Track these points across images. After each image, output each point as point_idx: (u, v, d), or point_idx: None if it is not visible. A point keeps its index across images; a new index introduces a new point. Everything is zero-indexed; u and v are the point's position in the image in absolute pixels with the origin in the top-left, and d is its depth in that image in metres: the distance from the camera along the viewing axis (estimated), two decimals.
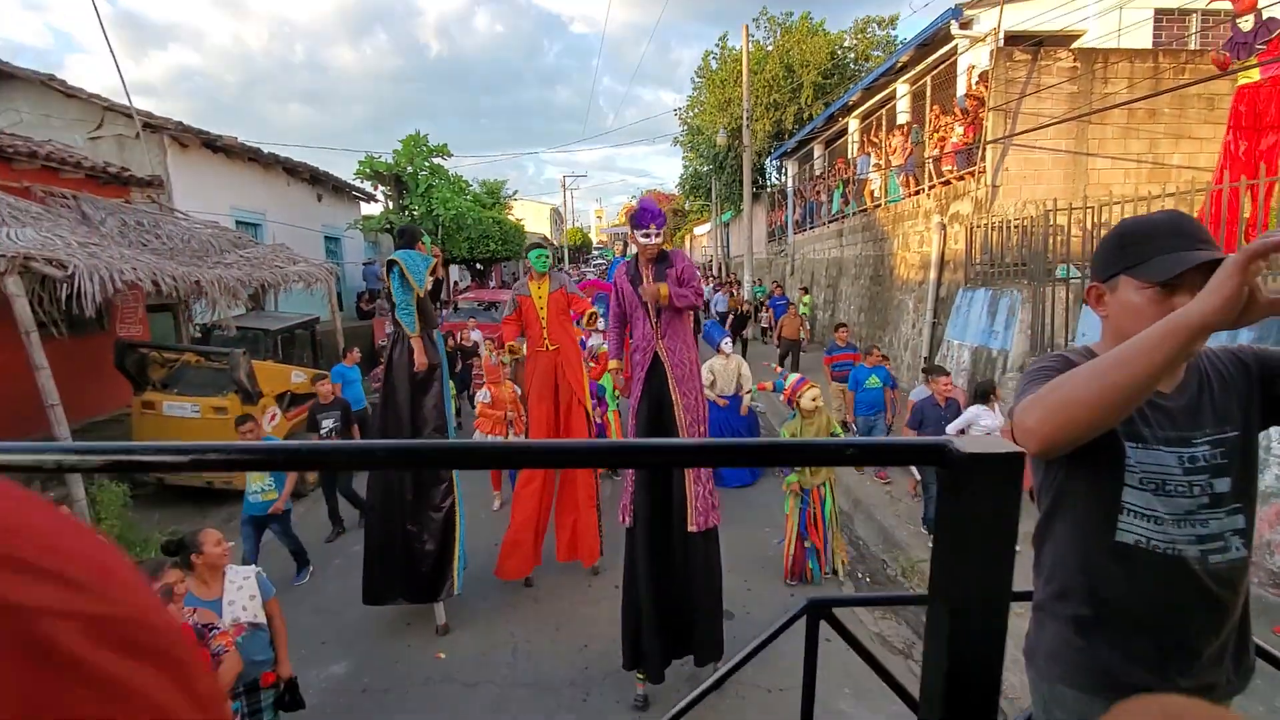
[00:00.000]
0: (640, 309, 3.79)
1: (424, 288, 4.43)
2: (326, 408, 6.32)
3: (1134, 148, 9.04)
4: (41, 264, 5.17)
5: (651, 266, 3.75)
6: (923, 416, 5.55)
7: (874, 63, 21.37)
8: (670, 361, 3.72)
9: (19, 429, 6.89)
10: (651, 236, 3.71)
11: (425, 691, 3.99)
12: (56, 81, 10.31)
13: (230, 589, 2.97)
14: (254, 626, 2.95)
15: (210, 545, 2.93)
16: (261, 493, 4.96)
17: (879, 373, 7.07)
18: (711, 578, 3.80)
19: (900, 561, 5.55)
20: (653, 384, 3.76)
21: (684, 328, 3.80)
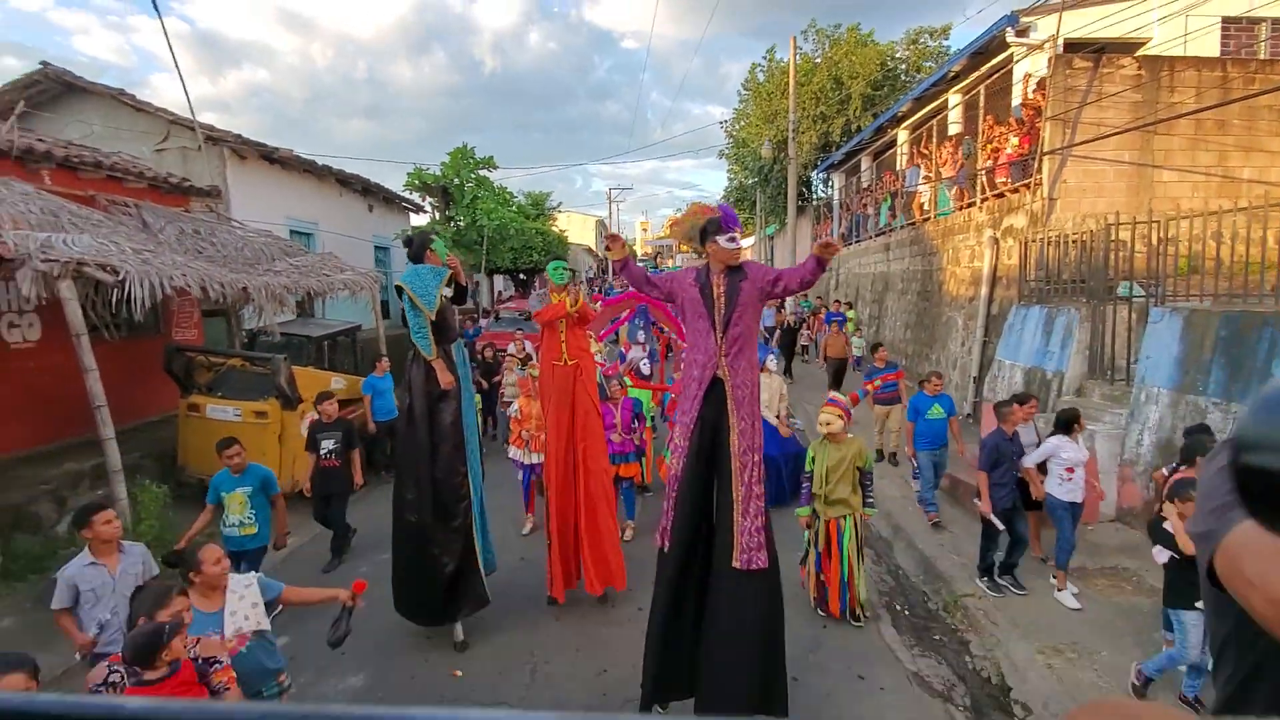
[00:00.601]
0: (705, 319, 3.39)
1: (434, 308, 4.29)
2: (327, 428, 5.86)
3: (1202, 160, 8.51)
4: (94, 269, 5.37)
5: (725, 277, 3.40)
6: (998, 456, 4.98)
7: (925, 74, 20.88)
8: (732, 383, 3.37)
9: (70, 429, 7.19)
10: (736, 240, 3.43)
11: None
12: (126, 96, 10.85)
13: (232, 599, 2.93)
14: (258, 635, 2.91)
15: (209, 564, 2.90)
16: (240, 526, 4.54)
17: (942, 401, 6.42)
18: (762, 625, 3.39)
19: (944, 595, 5.24)
20: (709, 407, 3.41)
21: (752, 346, 3.48)
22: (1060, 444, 4.90)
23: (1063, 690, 3.96)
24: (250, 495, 4.51)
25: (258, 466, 4.67)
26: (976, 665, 4.43)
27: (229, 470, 4.54)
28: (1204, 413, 5.40)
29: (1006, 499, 4.94)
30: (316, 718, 0.44)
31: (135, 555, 3.48)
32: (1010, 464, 4.98)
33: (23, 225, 5.71)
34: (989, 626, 4.70)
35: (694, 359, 3.47)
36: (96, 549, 3.33)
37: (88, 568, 3.29)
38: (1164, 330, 5.94)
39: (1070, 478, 4.85)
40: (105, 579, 3.30)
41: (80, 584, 3.25)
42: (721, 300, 3.36)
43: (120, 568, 3.36)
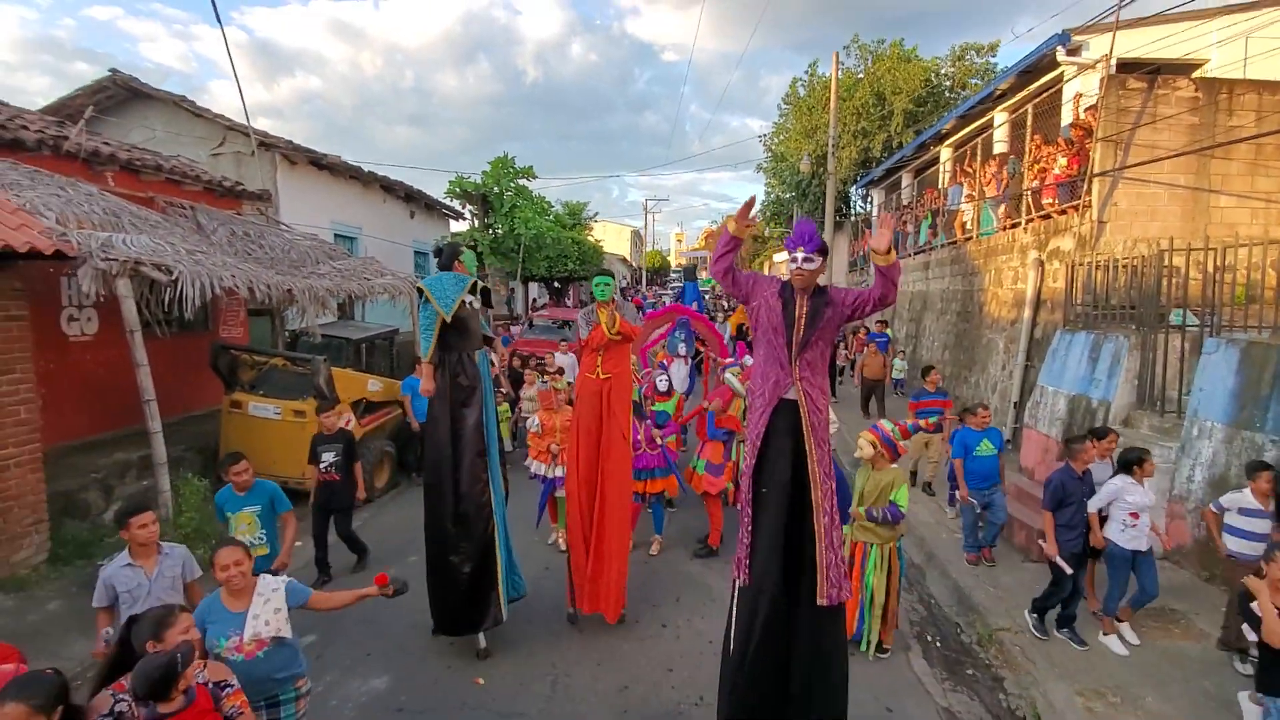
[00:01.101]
0: (780, 335, 3.15)
1: (449, 310, 4.31)
2: (328, 440, 5.62)
3: (1262, 185, 8.19)
4: (150, 268, 5.58)
5: (809, 298, 3.13)
6: (1064, 495, 4.61)
7: (971, 91, 20.55)
8: (807, 407, 3.13)
9: (121, 420, 7.47)
10: (799, 263, 3.10)
11: (461, 717, 3.93)
12: (186, 103, 11.32)
13: (258, 602, 2.89)
14: (277, 641, 2.86)
15: (219, 570, 2.86)
16: (251, 548, 4.12)
17: (991, 436, 5.97)
18: (841, 664, 3.27)
19: (978, 628, 5.08)
20: (784, 430, 3.16)
21: (824, 371, 3.28)
22: (1124, 486, 4.56)
23: None
24: (260, 514, 4.25)
25: (265, 482, 4.38)
26: (1011, 704, 4.27)
27: (232, 488, 4.26)
28: (1261, 450, 5.15)
29: (1076, 542, 4.59)
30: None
31: (175, 557, 3.43)
32: (1080, 505, 4.61)
33: (86, 225, 5.97)
34: (1025, 664, 4.53)
35: (765, 373, 3.22)
36: (135, 551, 3.31)
37: (125, 569, 3.28)
38: (1219, 361, 5.70)
39: (1135, 524, 4.51)
40: (141, 580, 3.27)
41: (117, 585, 3.24)
42: (802, 321, 3.12)
43: (158, 570, 3.33)
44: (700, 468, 6.26)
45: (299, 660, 3.03)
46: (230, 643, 2.79)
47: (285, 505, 4.34)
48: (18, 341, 5.40)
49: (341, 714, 3.91)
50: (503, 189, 15.03)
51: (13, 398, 5.35)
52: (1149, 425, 6.63)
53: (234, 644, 2.79)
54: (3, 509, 5.25)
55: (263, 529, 4.24)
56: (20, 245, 4.90)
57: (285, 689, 2.94)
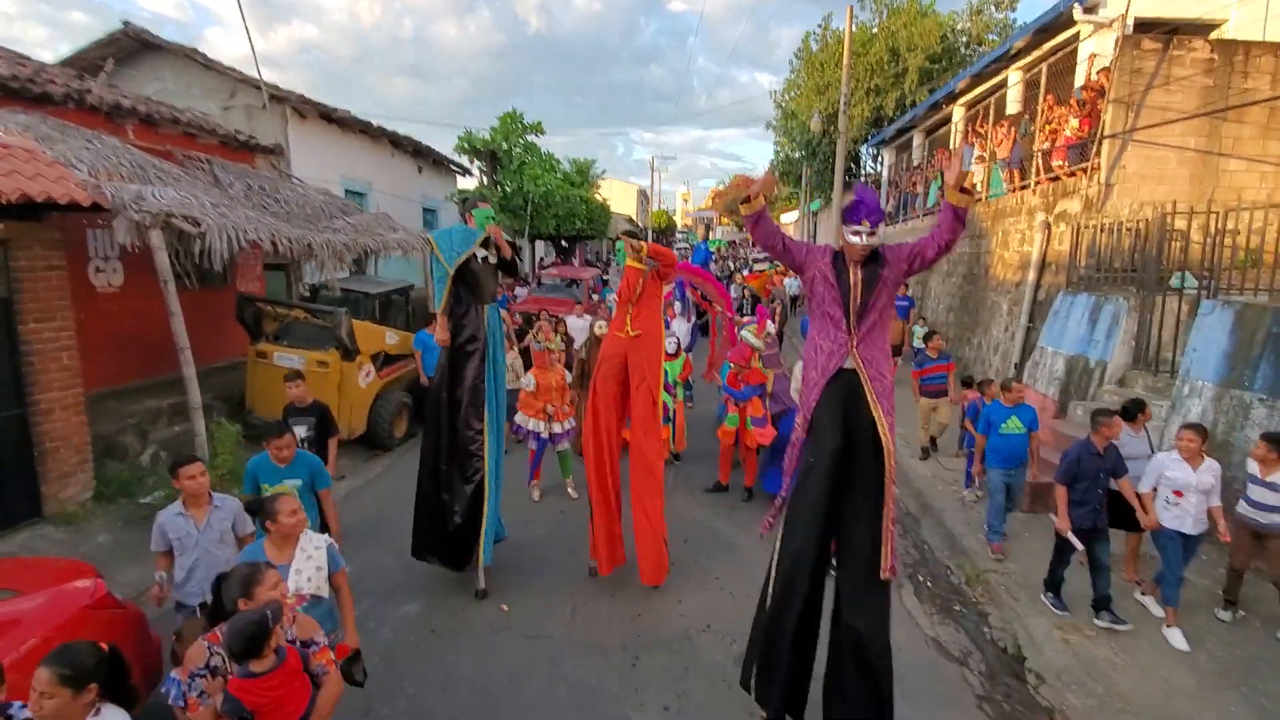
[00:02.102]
0: (837, 305, 3.09)
1: (452, 264, 4.47)
2: (300, 412, 4.97)
3: (1274, 150, 8.23)
4: (181, 221, 5.77)
5: (860, 268, 3.08)
6: (1079, 470, 4.43)
7: (988, 47, 20.14)
8: (868, 374, 3.07)
9: (147, 369, 7.76)
10: (863, 236, 3.00)
11: (489, 639, 4.29)
12: (198, 55, 11.28)
13: (300, 556, 2.95)
14: (315, 598, 2.92)
15: (285, 515, 2.94)
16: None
17: (1021, 414, 5.50)
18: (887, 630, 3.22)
19: (965, 570, 5.41)
20: (838, 399, 3.10)
21: (885, 336, 3.18)
22: (1165, 462, 4.40)
23: (1078, 663, 4.13)
24: (299, 490, 3.88)
25: (307, 455, 4.11)
26: (994, 636, 4.62)
27: (269, 458, 3.96)
28: (1249, 408, 5.39)
29: (1086, 518, 4.42)
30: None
31: (228, 509, 3.48)
32: (1094, 480, 4.42)
33: (115, 177, 6.14)
34: (1009, 601, 4.86)
35: (819, 345, 3.17)
36: (186, 500, 3.40)
37: (177, 517, 3.38)
38: (1214, 323, 5.88)
39: (1178, 502, 4.32)
40: (190, 530, 3.36)
41: (169, 531, 3.36)
42: (858, 289, 3.06)
43: (207, 520, 3.39)
44: (749, 424, 6.42)
45: (333, 619, 3.05)
46: None
47: (326, 481, 4.11)
48: (58, 290, 5.63)
49: (378, 635, 4.26)
50: (511, 145, 15.00)
51: (55, 344, 5.61)
52: (1143, 385, 6.85)
53: None
54: (50, 449, 5.57)
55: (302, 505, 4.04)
56: (61, 196, 5.10)
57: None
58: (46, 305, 5.53)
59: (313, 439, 4.90)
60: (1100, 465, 4.42)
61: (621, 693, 3.81)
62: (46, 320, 5.53)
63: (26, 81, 6.81)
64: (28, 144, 5.59)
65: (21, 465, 5.39)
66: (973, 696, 3.99)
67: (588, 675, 3.94)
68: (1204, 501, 4.30)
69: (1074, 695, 3.87)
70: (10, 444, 5.31)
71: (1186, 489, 4.29)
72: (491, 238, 4.68)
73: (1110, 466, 4.46)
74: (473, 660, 4.07)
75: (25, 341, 5.39)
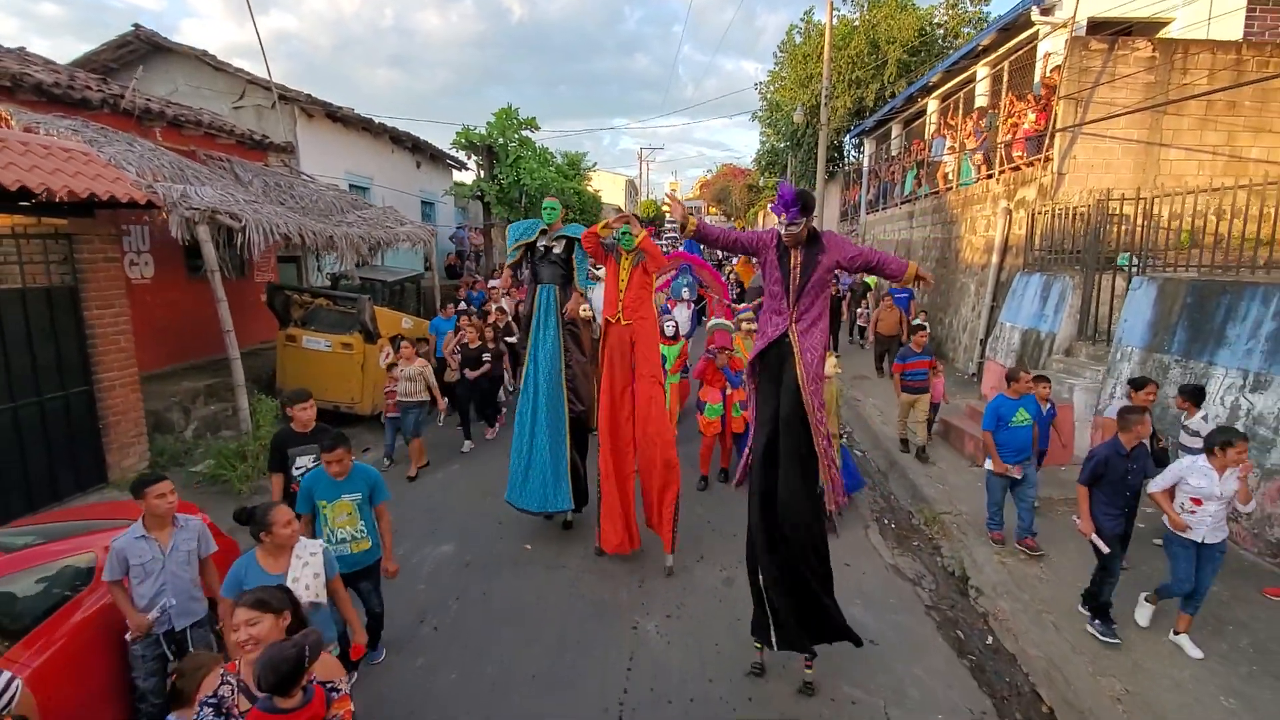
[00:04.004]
0: (779, 284, 3.56)
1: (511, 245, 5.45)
2: (304, 440, 4.25)
3: (1210, 139, 9.03)
4: (225, 217, 6.42)
5: (803, 248, 3.52)
6: (1104, 470, 4.12)
7: (963, 39, 20.89)
8: (800, 346, 3.52)
9: (178, 355, 8.45)
10: (785, 226, 3.45)
11: (515, 569, 5.05)
12: (209, 57, 11.81)
13: (296, 565, 2.89)
14: (314, 605, 2.89)
15: (280, 525, 2.88)
16: (351, 541, 3.66)
17: (1028, 405, 5.32)
18: (825, 551, 3.78)
19: (924, 513, 6.22)
20: (774, 361, 3.60)
21: (822, 314, 3.60)
22: (1191, 466, 3.99)
23: (1011, 579, 4.93)
24: (358, 505, 3.68)
25: (364, 468, 3.79)
26: (945, 564, 5.43)
27: (324, 471, 3.66)
28: (1166, 368, 6.21)
29: (1118, 523, 4.14)
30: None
31: (192, 529, 3.26)
32: (1123, 482, 4.09)
33: (160, 178, 6.77)
34: (959, 537, 5.67)
35: (769, 318, 3.66)
36: (149, 522, 3.12)
37: (139, 540, 3.08)
38: (1141, 296, 6.69)
39: (1195, 509, 3.94)
40: (156, 554, 3.09)
41: (130, 557, 3.03)
42: (797, 270, 3.49)
43: (172, 543, 3.15)
44: (736, 410, 6.78)
45: (331, 627, 3.01)
46: None
47: (384, 495, 3.80)
48: (115, 280, 6.28)
49: (421, 569, 5.01)
50: (507, 140, 15.62)
51: (114, 329, 6.27)
52: (1086, 353, 7.68)
53: None
54: (112, 422, 6.24)
55: (362, 520, 3.68)
56: (123, 195, 5.74)
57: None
58: (105, 293, 6.17)
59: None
60: (1126, 466, 4.10)
61: (630, 605, 4.58)
62: (106, 307, 6.18)
63: (67, 88, 7.40)
64: (83, 147, 6.21)
65: (90, 436, 6.06)
66: (922, 606, 4.80)
67: (601, 593, 4.71)
68: (1223, 509, 3.94)
69: (1005, 601, 4.67)
70: (80, 417, 5.97)
71: (1209, 498, 3.91)
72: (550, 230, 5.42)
73: (1141, 467, 4.16)
74: (503, 585, 4.83)
75: (89, 326, 6.04)
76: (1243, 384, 5.40)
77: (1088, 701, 3.66)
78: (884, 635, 4.38)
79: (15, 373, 5.40)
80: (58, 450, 5.74)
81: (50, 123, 6.70)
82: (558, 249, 5.39)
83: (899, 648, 4.27)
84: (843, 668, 4.00)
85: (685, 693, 3.76)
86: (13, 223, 5.44)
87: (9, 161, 5.11)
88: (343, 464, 3.65)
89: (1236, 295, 5.67)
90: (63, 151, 5.80)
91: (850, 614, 4.59)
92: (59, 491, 5.72)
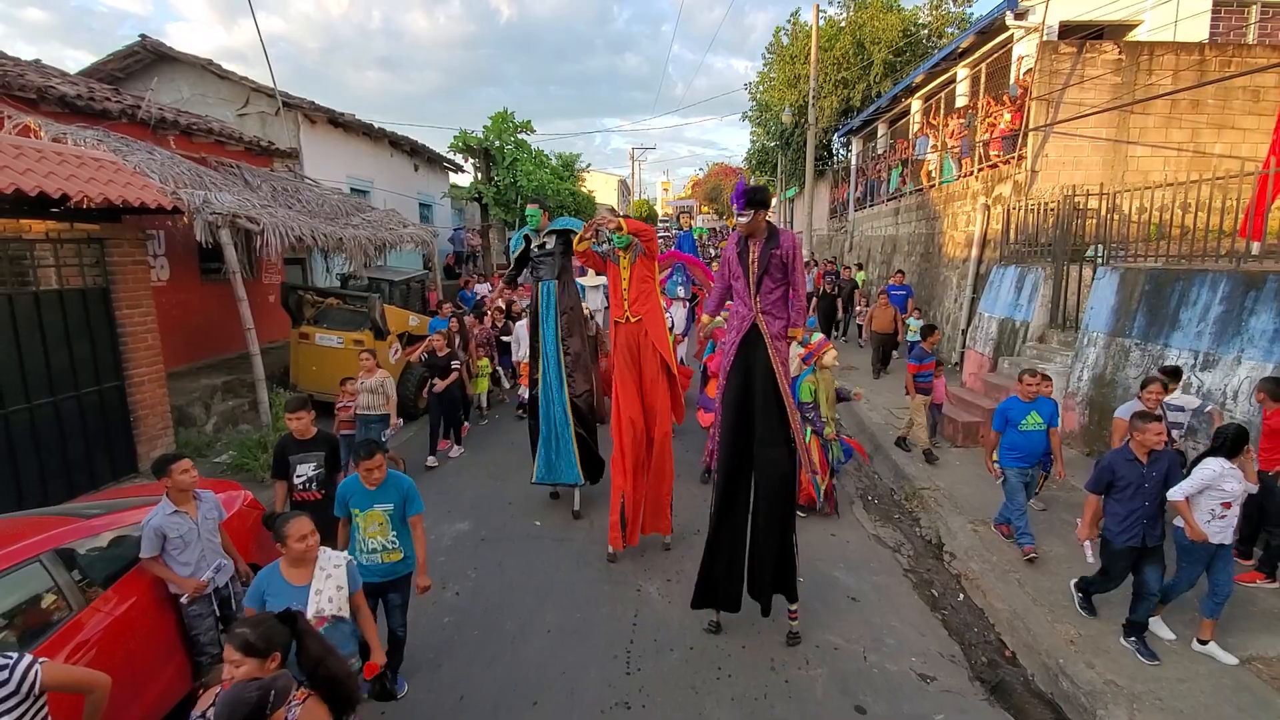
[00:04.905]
0: (741, 279, 3.94)
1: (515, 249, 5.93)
2: (304, 445, 4.27)
3: (1175, 136, 9.52)
4: (245, 221, 6.81)
5: (760, 244, 3.88)
6: (1111, 477, 3.93)
7: (947, 40, 21.40)
8: (770, 333, 3.90)
9: (192, 354, 8.82)
10: (737, 216, 3.87)
11: (527, 543, 5.47)
12: (213, 66, 12.16)
13: (319, 576, 2.85)
14: (337, 619, 2.84)
15: (295, 540, 2.81)
16: (383, 551, 3.57)
17: (1040, 408, 5.05)
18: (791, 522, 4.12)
19: (905, 489, 6.67)
20: (748, 352, 3.94)
21: (782, 302, 3.96)
22: (1223, 472, 3.75)
23: (981, 544, 5.38)
24: (391, 515, 3.60)
25: (399, 476, 3.69)
26: (923, 533, 5.88)
27: (360, 480, 3.58)
28: (1128, 351, 6.67)
29: (1134, 536, 3.88)
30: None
31: (210, 502, 3.63)
32: (1137, 491, 3.86)
33: (181, 185, 7.15)
34: (936, 509, 6.12)
35: (736, 310, 4.08)
36: (176, 498, 3.45)
37: (171, 517, 3.40)
38: (1105, 285, 7.16)
39: (1225, 514, 3.76)
40: (189, 525, 3.44)
41: (168, 532, 3.37)
42: (755, 265, 3.88)
43: (200, 514, 3.52)
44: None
45: (353, 640, 2.94)
46: None
47: (418, 506, 3.68)
48: (143, 282, 6.66)
49: (440, 543, 5.43)
50: (504, 143, 16.03)
51: (142, 327, 6.65)
52: (1058, 340, 8.15)
53: None
54: (142, 415, 6.62)
55: (394, 531, 3.60)
56: (152, 202, 6.13)
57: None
58: (134, 294, 6.55)
59: (321, 477, 4.30)
60: (1135, 474, 3.88)
61: (634, 572, 5.02)
62: (135, 307, 6.56)
63: (89, 100, 7.77)
64: (110, 156, 6.59)
65: (122, 428, 6.44)
66: (900, 569, 5.25)
67: (607, 562, 5.13)
68: (1239, 503, 3.84)
69: (975, 563, 5.12)
70: (114, 410, 6.35)
71: (1236, 500, 3.78)
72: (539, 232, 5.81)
73: (1157, 478, 3.88)
74: (516, 556, 5.25)
75: (120, 325, 6.42)
76: (1194, 363, 5.87)
77: (1045, 644, 4.11)
78: (865, 594, 4.83)
79: (55, 368, 5.78)
80: (93, 441, 6.13)
81: (75, 133, 7.06)
82: (549, 245, 5.69)
83: (878, 604, 4.71)
84: (826, 621, 4.45)
85: (685, 642, 4.19)
86: (47, 228, 5.81)
87: (49, 171, 5.50)
88: (379, 473, 3.55)
89: (1188, 282, 6.14)
90: (94, 161, 6.18)
91: (833, 576, 5.10)
92: (96, 480, 6.11)
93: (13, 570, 2.81)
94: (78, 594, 3.01)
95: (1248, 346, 5.42)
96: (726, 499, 4.10)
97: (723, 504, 4.11)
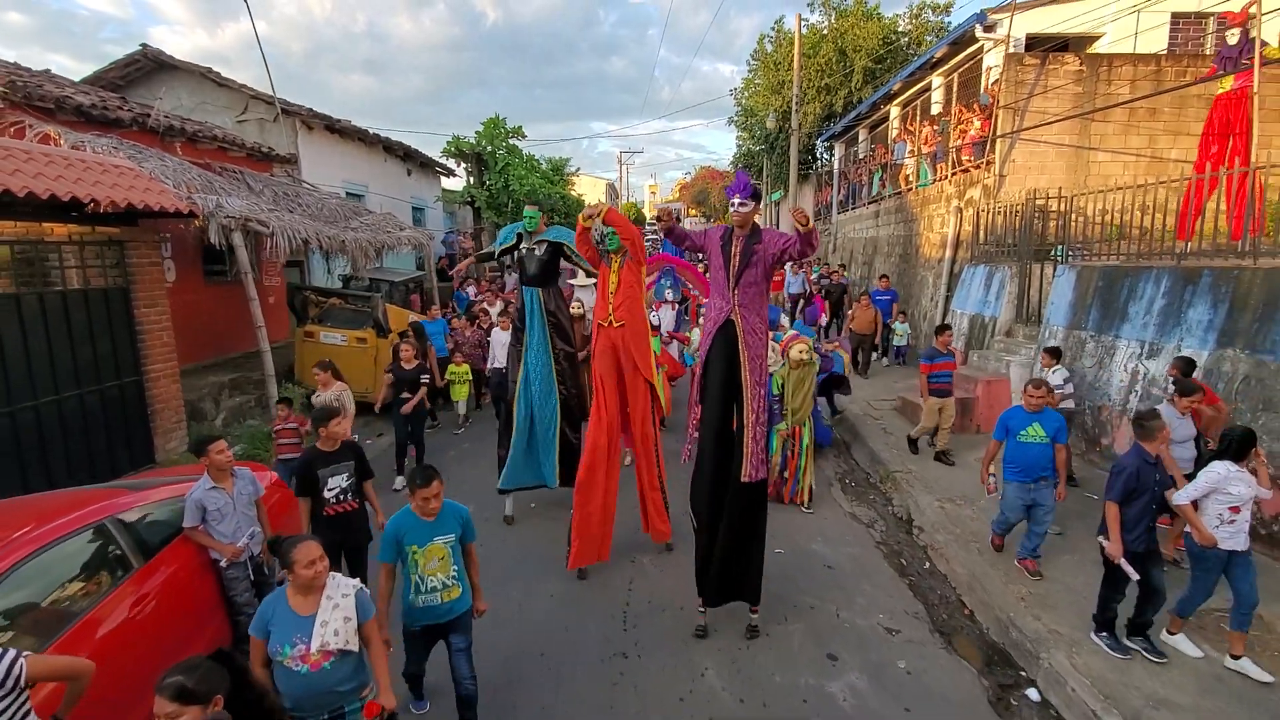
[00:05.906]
0: (722, 271, 3.94)
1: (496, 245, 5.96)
2: (333, 458, 4.12)
3: (1134, 143, 10.11)
4: (255, 224, 7.17)
5: (743, 238, 3.92)
6: (1136, 484, 3.78)
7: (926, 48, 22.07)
8: (742, 327, 3.93)
9: (199, 354, 9.13)
10: (736, 206, 3.86)
11: (525, 522, 5.92)
12: (212, 73, 12.47)
13: (326, 606, 2.65)
14: (343, 653, 2.64)
15: (302, 565, 2.61)
16: (443, 590, 3.27)
17: (1045, 421, 4.78)
18: (758, 523, 4.15)
19: (880, 472, 7.15)
20: (722, 344, 3.97)
21: (761, 300, 3.98)
22: (1229, 475, 3.68)
23: (947, 519, 5.86)
24: (452, 547, 3.31)
25: (454, 505, 3.40)
26: (895, 510, 6.35)
27: (413, 511, 3.25)
28: (1083, 343, 7.20)
29: (1142, 540, 3.81)
30: None
31: (246, 479, 4.00)
32: (1151, 495, 3.78)
33: (193, 190, 7.50)
34: (908, 489, 6.59)
35: (713, 303, 4.09)
36: (215, 475, 3.84)
37: (210, 491, 3.80)
38: (1064, 282, 7.69)
39: (1234, 519, 3.68)
40: (226, 500, 3.86)
41: (207, 504, 3.79)
42: (736, 258, 3.90)
43: (236, 490, 3.92)
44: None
45: (364, 668, 2.76)
46: (295, 651, 2.56)
47: (473, 534, 3.50)
48: (158, 282, 7.01)
49: None
50: (495, 148, 16.43)
51: (158, 325, 7.00)
52: (1023, 334, 8.68)
53: (299, 653, 2.57)
54: (159, 409, 6.97)
55: (455, 565, 3.31)
56: (169, 206, 6.49)
57: (350, 700, 2.69)
58: (151, 293, 6.90)
59: (355, 486, 4.18)
60: (1154, 476, 3.81)
61: (630, 546, 5.45)
62: (151, 305, 6.91)
63: (103, 109, 8.10)
64: (128, 163, 6.94)
65: (140, 421, 6.78)
66: (873, 542, 5.72)
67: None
68: (1249, 507, 3.74)
69: (940, 535, 5.59)
70: (133, 404, 6.69)
71: (1245, 503, 3.70)
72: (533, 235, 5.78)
73: (1165, 478, 3.92)
74: (516, 533, 5.68)
75: (138, 323, 6.76)
76: (1140, 352, 6.39)
77: (998, 601, 4.58)
78: (839, 563, 5.29)
79: (80, 363, 6.12)
80: (114, 433, 6.47)
81: (92, 140, 7.39)
82: (539, 252, 5.65)
83: (851, 572, 5.17)
84: (804, 586, 4.90)
85: (676, 604, 4.63)
86: (70, 231, 6.16)
87: (76, 177, 5.86)
88: (435, 503, 3.21)
89: (1135, 278, 6.67)
90: (114, 167, 6.54)
91: (811, 549, 5.55)
92: (116, 469, 6.44)
93: (85, 529, 3.19)
94: (138, 554, 3.40)
95: (1186, 336, 5.94)
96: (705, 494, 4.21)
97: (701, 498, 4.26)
